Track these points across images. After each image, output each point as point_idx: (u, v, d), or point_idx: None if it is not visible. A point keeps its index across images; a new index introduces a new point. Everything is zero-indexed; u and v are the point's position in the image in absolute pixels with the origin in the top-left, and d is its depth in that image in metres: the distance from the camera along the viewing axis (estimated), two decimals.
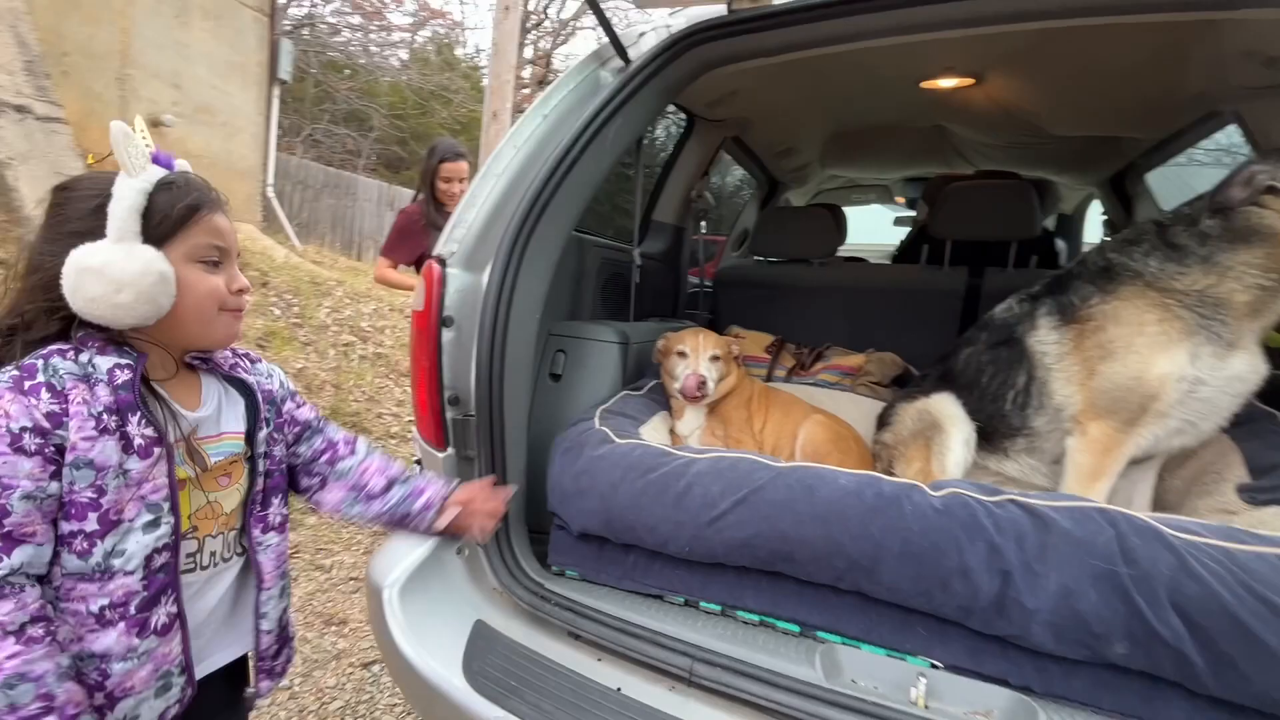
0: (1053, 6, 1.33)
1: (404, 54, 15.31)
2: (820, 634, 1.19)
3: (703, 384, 1.70)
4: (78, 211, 0.82)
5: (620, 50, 1.58)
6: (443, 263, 1.36)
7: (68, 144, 4.09)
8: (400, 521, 1.15)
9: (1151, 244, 1.36)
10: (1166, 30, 1.53)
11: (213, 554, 0.93)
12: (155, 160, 0.83)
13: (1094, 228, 3.66)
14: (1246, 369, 1.28)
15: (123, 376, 0.80)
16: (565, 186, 1.43)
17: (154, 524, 0.82)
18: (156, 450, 0.82)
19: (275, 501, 1.02)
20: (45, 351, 0.79)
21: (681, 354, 1.77)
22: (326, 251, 9.00)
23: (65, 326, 0.82)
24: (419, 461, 2.61)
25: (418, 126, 13.89)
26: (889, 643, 1.13)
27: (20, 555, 0.73)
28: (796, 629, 1.21)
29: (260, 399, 0.99)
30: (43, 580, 0.77)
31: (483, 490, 1.25)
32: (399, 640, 1.22)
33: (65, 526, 0.77)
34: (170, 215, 0.83)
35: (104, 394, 0.78)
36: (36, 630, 0.73)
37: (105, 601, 0.79)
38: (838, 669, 1.11)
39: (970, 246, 2.33)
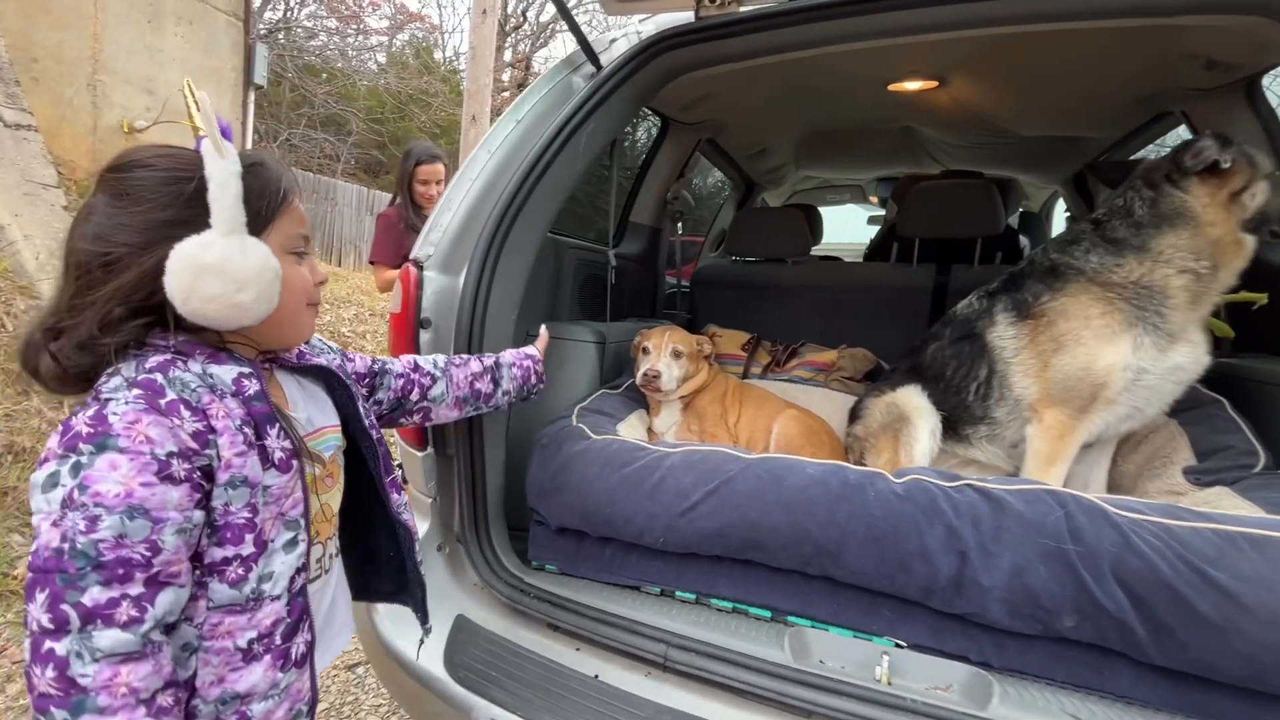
0: (1008, 13, 1.39)
1: (382, 58, 15.19)
2: (790, 618, 1.23)
3: (655, 378, 1.75)
4: (166, 196, 0.70)
5: (591, 56, 1.62)
6: (419, 266, 1.39)
7: (38, 151, 4.04)
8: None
9: (1090, 242, 1.44)
10: (1117, 35, 1.60)
11: (330, 556, 0.91)
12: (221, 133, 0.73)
13: (1060, 224, 3.76)
14: (1188, 359, 1.35)
15: (252, 387, 0.73)
16: (539, 190, 1.46)
17: (293, 542, 0.76)
18: (295, 463, 0.76)
19: (392, 463, 0.99)
20: (154, 364, 0.69)
21: (645, 350, 1.82)
22: None
23: (144, 331, 0.72)
24: (399, 465, 2.62)
25: (396, 130, 13.78)
26: (855, 624, 1.18)
27: (164, 602, 0.64)
28: (768, 614, 1.25)
29: (343, 377, 0.93)
30: (171, 629, 0.68)
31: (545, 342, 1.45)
32: (384, 636, 1.25)
33: (219, 553, 0.70)
34: (269, 203, 0.76)
35: (235, 407, 0.71)
36: (166, 699, 0.65)
37: (254, 634, 0.72)
38: (806, 651, 1.15)
39: (937, 244, 2.39)
